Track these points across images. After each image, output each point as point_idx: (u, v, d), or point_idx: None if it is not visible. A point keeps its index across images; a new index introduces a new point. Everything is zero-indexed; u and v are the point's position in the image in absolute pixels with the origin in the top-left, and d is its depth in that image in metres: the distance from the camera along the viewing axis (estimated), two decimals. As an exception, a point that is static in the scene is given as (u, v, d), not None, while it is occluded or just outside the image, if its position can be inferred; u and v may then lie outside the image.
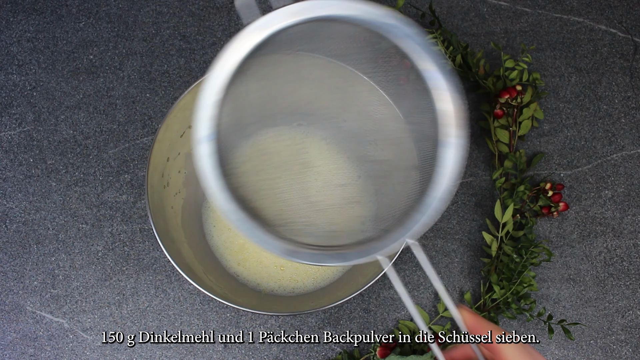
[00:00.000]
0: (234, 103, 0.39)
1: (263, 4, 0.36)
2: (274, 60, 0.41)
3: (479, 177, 0.72)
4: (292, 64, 0.42)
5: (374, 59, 0.41)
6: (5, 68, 0.72)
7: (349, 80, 0.43)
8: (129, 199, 0.70)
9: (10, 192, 0.70)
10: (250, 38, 0.37)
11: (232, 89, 0.37)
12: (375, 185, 0.45)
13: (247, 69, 0.38)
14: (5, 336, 0.67)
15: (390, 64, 0.41)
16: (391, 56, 0.40)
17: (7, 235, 0.69)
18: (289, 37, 0.38)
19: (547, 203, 0.69)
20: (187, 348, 0.67)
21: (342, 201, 0.44)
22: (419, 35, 0.38)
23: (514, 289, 0.65)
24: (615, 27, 0.76)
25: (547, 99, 0.74)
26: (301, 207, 0.44)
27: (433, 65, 0.38)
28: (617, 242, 0.71)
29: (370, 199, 0.44)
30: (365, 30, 0.38)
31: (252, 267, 0.68)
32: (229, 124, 0.38)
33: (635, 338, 0.68)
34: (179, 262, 0.58)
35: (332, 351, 0.67)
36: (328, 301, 0.59)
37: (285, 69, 0.42)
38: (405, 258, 0.69)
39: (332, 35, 0.39)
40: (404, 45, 0.38)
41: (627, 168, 0.72)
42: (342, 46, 0.40)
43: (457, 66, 0.71)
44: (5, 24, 0.74)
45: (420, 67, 0.39)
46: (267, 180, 0.43)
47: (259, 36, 0.37)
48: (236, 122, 0.40)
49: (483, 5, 0.76)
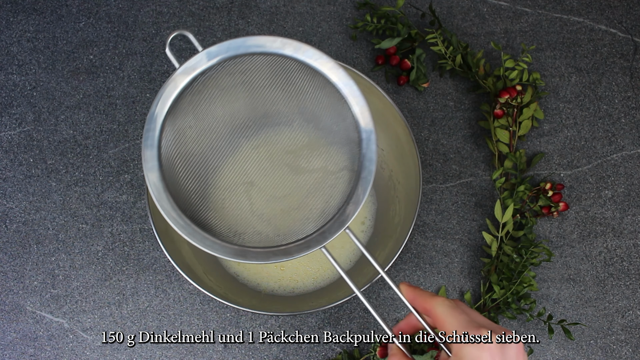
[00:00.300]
0: (175, 138, 0.48)
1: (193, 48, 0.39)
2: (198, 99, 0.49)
3: (479, 177, 0.72)
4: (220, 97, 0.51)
5: (287, 82, 0.51)
6: (5, 68, 0.72)
7: (275, 102, 0.54)
8: (129, 199, 0.70)
9: (10, 192, 0.70)
10: (180, 79, 0.46)
11: (168, 125, 0.47)
12: (312, 190, 0.53)
13: (179, 108, 0.47)
14: (5, 336, 0.67)
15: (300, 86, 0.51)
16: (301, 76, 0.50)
17: (7, 235, 0.69)
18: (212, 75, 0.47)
19: (547, 203, 0.69)
20: (187, 348, 0.67)
21: (284, 210, 0.52)
22: (321, 56, 0.48)
23: (514, 289, 0.65)
24: (615, 27, 0.76)
25: (547, 99, 0.74)
26: (249, 220, 0.51)
27: (344, 78, 0.48)
28: (617, 242, 0.71)
29: (308, 203, 0.52)
30: (277, 57, 0.48)
31: (252, 267, 0.68)
32: (173, 155, 0.48)
33: (635, 338, 0.68)
34: (179, 262, 0.58)
35: (332, 351, 0.67)
36: (328, 301, 0.59)
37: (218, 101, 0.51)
38: (405, 258, 0.70)
39: (251, 67, 0.49)
40: (314, 65, 0.48)
41: (627, 168, 0.72)
42: (262, 75, 0.50)
43: (457, 66, 0.71)
44: (5, 24, 0.74)
45: (333, 80, 0.48)
46: (216, 201, 0.51)
47: (186, 78, 0.47)
48: (182, 153, 0.49)
49: (483, 5, 0.76)
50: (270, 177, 0.54)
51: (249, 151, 0.54)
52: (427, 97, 0.73)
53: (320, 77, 0.49)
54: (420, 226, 0.70)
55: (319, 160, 0.54)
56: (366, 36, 0.75)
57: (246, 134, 0.54)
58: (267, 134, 0.54)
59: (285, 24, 0.75)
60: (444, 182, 0.71)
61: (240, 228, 0.50)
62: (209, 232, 0.48)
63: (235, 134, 0.53)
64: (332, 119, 0.52)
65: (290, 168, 0.54)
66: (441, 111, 0.73)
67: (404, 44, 0.73)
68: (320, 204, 0.52)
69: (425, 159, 0.72)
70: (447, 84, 0.74)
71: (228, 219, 0.51)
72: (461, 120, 0.73)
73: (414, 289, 0.43)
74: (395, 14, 0.73)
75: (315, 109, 0.53)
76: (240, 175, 0.54)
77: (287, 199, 0.53)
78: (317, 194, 0.53)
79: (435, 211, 0.71)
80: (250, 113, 0.54)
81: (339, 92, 0.49)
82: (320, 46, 0.74)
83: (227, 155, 0.53)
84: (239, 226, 0.51)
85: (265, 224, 0.52)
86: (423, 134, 0.73)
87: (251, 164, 0.54)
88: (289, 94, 0.52)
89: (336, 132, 0.52)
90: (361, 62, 0.74)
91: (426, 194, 0.71)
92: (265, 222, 0.52)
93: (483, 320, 0.40)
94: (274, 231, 0.51)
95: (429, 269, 0.69)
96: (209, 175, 0.52)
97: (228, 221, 0.51)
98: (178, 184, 0.49)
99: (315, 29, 0.75)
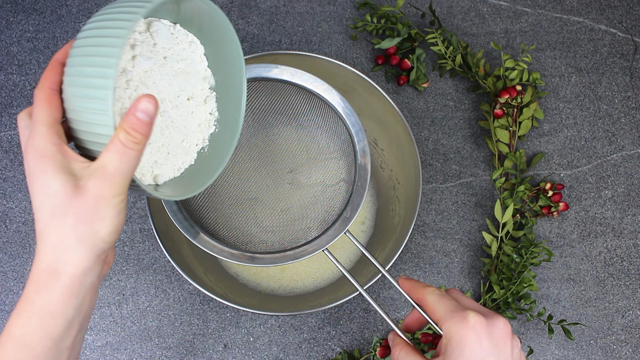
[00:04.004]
0: None
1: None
2: None
3: (479, 177, 0.72)
4: None
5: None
6: (5, 68, 0.72)
7: (275, 125, 0.59)
8: (129, 199, 0.70)
9: (10, 192, 0.70)
10: None
11: None
12: (313, 202, 0.56)
13: None
14: (5, 336, 0.67)
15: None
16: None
17: (7, 235, 0.69)
18: None
19: (547, 203, 0.69)
20: (187, 348, 0.67)
21: (286, 221, 0.55)
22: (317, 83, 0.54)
23: (514, 289, 0.65)
24: (615, 27, 0.76)
25: (547, 99, 0.74)
26: (255, 232, 0.55)
27: (337, 98, 0.54)
28: (617, 242, 0.71)
29: (310, 214, 0.55)
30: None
31: (253, 268, 0.68)
32: None
33: (635, 338, 0.68)
34: (179, 262, 0.58)
35: (332, 351, 0.67)
36: (328, 301, 0.59)
37: None
38: (405, 258, 0.70)
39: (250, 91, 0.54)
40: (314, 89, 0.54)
41: (627, 168, 0.72)
42: None
43: (457, 66, 0.71)
44: (5, 24, 0.74)
45: (328, 100, 0.54)
46: (223, 217, 0.55)
47: None
48: None
49: (483, 5, 0.76)
50: (272, 193, 0.57)
51: (252, 171, 0.58)
52: (427, 97, 0.73)
53: (316, 98, 0.54)
54: (420, 226, 0.70)
55: (318, 175, 0.57)
56: (366, 36, 0.75)
57: (250, 156, 0.57)
58: (269, 154, 0.57)
59: (285, 24, 0.75)
60: (444, 182, 0.71)
61: (247, 238, 0.54)
62: (219, 241, 0.51)
63: (240, 155, 0.57)
64: (328, 137, 0.56)
65: (292, 184, 0.58)
66: (441, 111, 0.73)
67: (404, 44, 0.73)
68: (320, 214, 0.55)
69: (425, 159, 0.72)
70: (447, 84, 0.74)
71: (236, 230, 0.54)
72: (461, 120, 0.73)
73: (410, 281, 0.44)
74: (395, 14, 0.73)
75: (312, 128, 0.57)
76: (245, 192, 0.57)
77: (289, 211, 0.56)
78: (317, 205, 0.56)
79: (435, 211, 0.71)
80: (253, 135, 0.57)
81: (333, 111, 0.54)
82: (320, 46, 0.74)
83: (232, 175, 0.56)
84: (246, 236, 0.54)
85: (270, 234, 0.55)
86: (423, 134, 0.73)
87: (255, 182, 0.57)
88: (287, 116, 0.56)
89: (332, 148, 0.56)
90: (361, 62, 0.74)
91: (426, 194, 0.71)
92: (270, 232, 0.55)
93: (473, 305, 0.40)
94: (279, 240, 0.54)
95: (429, 269, 0.69)
96: (216, 193, 0.55)
97: (236, 233, 0.54)
98: (189, 202, 0.53)
99: (315, 29, 0.75)
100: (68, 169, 0.35)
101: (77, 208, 0.34)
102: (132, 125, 0.35)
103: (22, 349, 0.34)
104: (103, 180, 0.35)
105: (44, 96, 0.36)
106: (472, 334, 0.37)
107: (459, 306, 0.39)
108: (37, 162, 0.35)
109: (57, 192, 0.34)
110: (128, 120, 0.35)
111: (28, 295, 0.35)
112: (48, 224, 0.35)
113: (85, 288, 0.36)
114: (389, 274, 0.48)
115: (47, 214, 0.35)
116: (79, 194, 0.35)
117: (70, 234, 0.35)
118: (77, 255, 0.35)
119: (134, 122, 0.35)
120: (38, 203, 0.35)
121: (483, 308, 0.40)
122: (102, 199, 0.35)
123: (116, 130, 0.35)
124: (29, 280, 0.35)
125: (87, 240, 0.35)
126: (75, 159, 0.36)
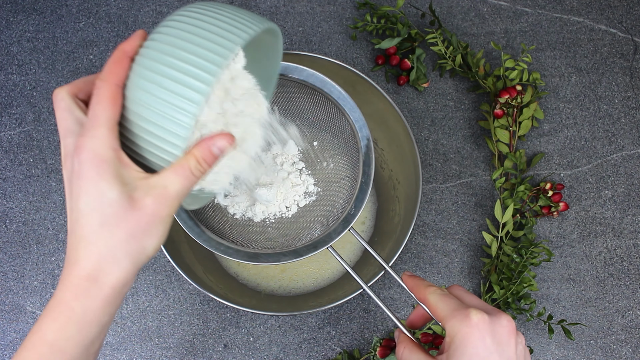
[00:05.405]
0: None
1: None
2: None
3: (479, 177, 0.72)
4: None
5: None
6: (5, 68, 0.72)
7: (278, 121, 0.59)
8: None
9: (10, 192, 0.70)
10: None
11: None
12: (317, 200, 0.56)
13: None
14: (5, 336, 0.67)
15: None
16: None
17: (7, 235, 0.69)
18: None
19: (547, 203, 0.69)
20: (187, 348, 0.67)
21: (291, 220, 0.55)
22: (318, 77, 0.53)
23: (514, 289, 0.65)
24: (615, 27, 0.76)
25: (547, 99, 0.74)
26: (259, 230, 0.55)
27: (339, 94, 0.53)
28: (617, 242, 0.71)
29: (314, 211, 0.56)
30: None
31: (253, 268, 0.68)
32: None
33: (635, 338, 0.68)
34: (179, 262, 0.58)
35: (332, 351, 0.67)
36: (328, 301, 0.59)
37: None
38: (405, 258, 0.70)
39: None
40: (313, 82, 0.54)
41: (627, 168, 0.72)
42: None
43: (457, 66, 0.71)
44: (5, 24, 0.74)
45: (333, 97, 0.53)
46: (227, 215, 0.55)
47: None
48: None
49: (483, 5, 0.76)
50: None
51: None
52: (427, 97, 0.73)
53: (318, 94, 0.54)
54: (420, 226, 0.70)
55: (321, 171, 0.57)
56: (366, 36, 0.75)
57: None
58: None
59: (285, 24, 0.75)
60: (444, 182, 0.71)
61: (252, 236, 0.54)
62: (224, 239, 0.52)
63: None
64: (331, 133, 0.56)
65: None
66: (441, 111, 0.73)
67: (404, 44, 0.73)
68: (324, 210, 0.55)
69: (425, 159, 0.72)
70: (447, 84, 0.74)
71: (240, 229, 0.54)
72: (461, 120, 0.73)
73: (414, 279, 0.44)
74: (395, 14, 0.73)
75: (315, 125, 0.57)
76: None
77: (291, 212, 0.56)
78: (321, 202, 0.56)
79: (435, 211, 0.71)
80: None
81: (336, 107, 0.54)
82: (320, 46, 0.74)
83: None
84: (251, 235, 0.54)
85: (275, 231, 0.55)
86: (423, 134, 0.73)
87: None
88: (291, 113, 0.56)
89: (336, 144, 0.56)
90: (361, 62, 0.74)
91: (426, 194, 0.71)
92: (274, 230, 0.55)
93: (476, 302, 0.40)
94: (283, 237, 0.54)
95: (429, 268, 0.69)
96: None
97: (240, 231, 0.54)
98: None
99: (315, 29, 0.75)
100: (123, 178, 0.34)
101: (132, 223, 0.34)
102: (205, 157, 0.35)
103: (56, 353, 0.34)
104: (163, 201, 0.35)
105: (109, 94, 0.34)
106: (475, 332, 0.37)
107: (462, 304, 0.39)
108: (94, 165, 0.34)
109: (113, 202, 0.34)
110: (203, 151, 0.35)
111: (66, 301, 0.34)
112: (96, 231, 0.34)
113: (121, 297, 0.36)
114: (389, 274, 0.48)
115: (97, 222, 0.34)
116: (135, 208, 0.34)
117: (119, 247, 0.34)
118: (122, 267, 0.34)
119: (207, 155, 0.35)
120: (88, 208, 0.34)
121: (487, 305, 0.40)
122: (158, 218, 0.35)
123: (187, 156, 0.35)
124: (65, 283, 0.34)
125: (135, 255, 0.35)
126: (131, 167, 0.35)
